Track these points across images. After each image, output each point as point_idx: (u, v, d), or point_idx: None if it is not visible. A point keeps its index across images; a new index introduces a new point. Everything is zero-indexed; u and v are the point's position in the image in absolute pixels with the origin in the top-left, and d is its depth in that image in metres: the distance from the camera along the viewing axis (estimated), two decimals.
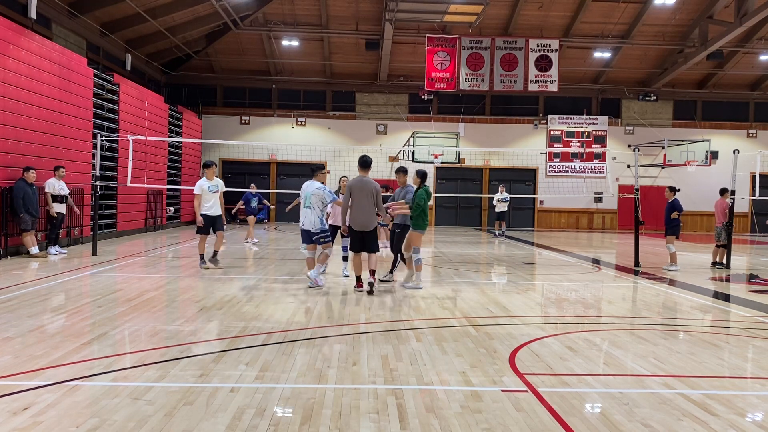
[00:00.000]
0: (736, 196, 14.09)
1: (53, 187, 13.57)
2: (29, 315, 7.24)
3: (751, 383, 5.37)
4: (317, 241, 9.86)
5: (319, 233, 9.80)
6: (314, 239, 9.86)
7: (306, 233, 9.91)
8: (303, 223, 9.85)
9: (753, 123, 30.13)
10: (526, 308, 8.56)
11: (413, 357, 5.79)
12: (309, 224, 9.77)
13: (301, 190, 9.97)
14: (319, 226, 9.78)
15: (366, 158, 9.58)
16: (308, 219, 9.77)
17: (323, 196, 9.77)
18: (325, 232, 9.85)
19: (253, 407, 4.36)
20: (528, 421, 4.24)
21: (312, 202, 9.74)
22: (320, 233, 9.80)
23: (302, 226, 9.90)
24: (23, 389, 4.61)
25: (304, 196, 9.85)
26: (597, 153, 28.55)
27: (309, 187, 9.85)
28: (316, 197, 9.73)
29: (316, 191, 9.76)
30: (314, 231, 9.78)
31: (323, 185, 9.93)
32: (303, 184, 10.03)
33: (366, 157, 9.59)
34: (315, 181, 9.92)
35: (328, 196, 9.80)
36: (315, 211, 9.74)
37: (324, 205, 9.85)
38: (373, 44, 25.61)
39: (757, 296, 10.09)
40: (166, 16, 21.61)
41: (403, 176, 10.54)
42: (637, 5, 24.31)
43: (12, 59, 13.09)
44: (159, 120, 22.17)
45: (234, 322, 7.12)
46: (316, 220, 9.76)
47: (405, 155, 25.51)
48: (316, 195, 9.74)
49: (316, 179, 9.96)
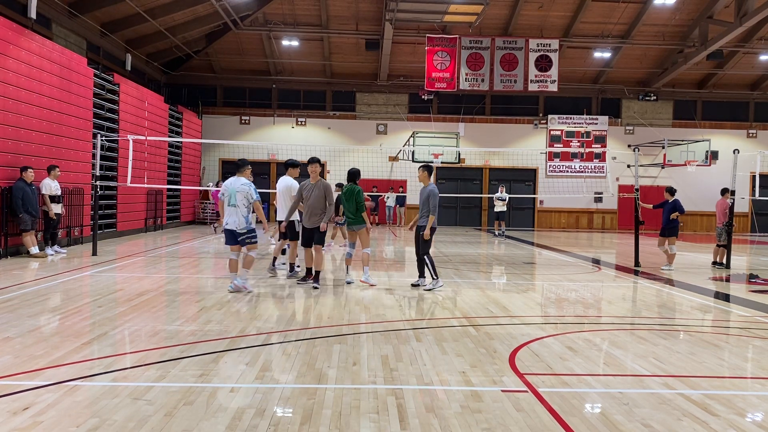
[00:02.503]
0: (736, 196, 14.09)
1: (50, 188, 13.56)
2: (29, 315, 7.24)
3: (751, 383, 5.37)
4: (243, 242, 9.29)
5: (246, 234, 9.24)
6: (239, 240, 9.28)
7: (231, 233, 9.30)
8: (227, 223, 9.26)
9: (753, 123, 30.12)
10: (526, 308, 8.56)
11: (413, 357, 5.78)
12: (234, 224, 9.18)
13: (224, 188, 9.35)
14: (244, 225, 9.19)
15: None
16: (232, 218, 9.18)
17: (248, 194, 9.15)
18: (251, 233, 9.30)
19: (253, 407, 4.36)
20: (528, 421, 4.24)
21: (237, 200, 9.13)
22: (246, 234, 9.24)
23: (226, 225, 9.29)
24: (23, 389, 4.61)
25: (228, 193, 9.21)
26: (597, 153, 28.54)
27: (234, 184, 9.25)
28: (242, 195, 9.12)
29: (241, 188, 9.16)
30: (240, 231, 9.20)
31: (249, 182, 9.33)
32: (226, 181, 9.47)
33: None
34: (240, 178, 9.31)
35: (253, 194, 9.18)
36: (240, 210, 9.14)
37: (249, 203, 9.23)
38: (373, 44, 25.61)
39: (757, 296, 10.09)
40: (166, 16, 21.61)
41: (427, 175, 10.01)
42: (637, 5, 24.31)
43: (12, 59, 13.09)
44: (159, 120, 22.17)
45: (234, 322, 7.12)
46: (241, 219, 9.18)
47: (405, 155, 25.52)
48: (241, 192, 9.13)
49: (241, 175, 9.36)
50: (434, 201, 9.74)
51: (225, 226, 9.31)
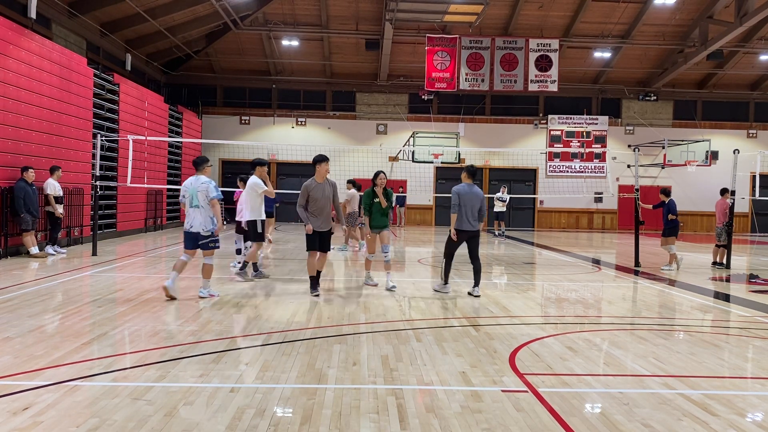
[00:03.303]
0: (736, 196, 14.09)
1: (54, 188, 13.57)
2: (29, 315, 7.24)
3: (751, 383, 5.37)
4: (205, 245, 8.53)
5: (209, 237, 8.51)
6: (201, 244, 8.52)
7: (192, 237, 8.53)
8: (191, 225, 8.49)
9: (753, 123, 30.12)
10: (526, 308, 8.56)
11: (413, 357, 5.78)
12: (199, 225, 8.46)
13: (184, 188, 8.63)
14: (210, 227, 8.49)
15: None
16: (197, 220, 8.46)
17: (209, 191, 8.45)
18: (215, 237, 8.59)
19: (253, 407, 4.36)
20: (528, 421, 4.24)
21: (199, 200, 8.43)
22: (210, 237, 8.52)
23: (189, 228, 8.52)
24: (23, 389, 4.61)
25: (189, 194, 8.50)
26: (597, 153, 28.53)
27: (194, 183, 8.52)
28: (203, 194, 8.42)
29: (201, 187, 8.43)
30: (204, 234, 8.46)
31: (209, 179, 8.58)
32: (186, 180, 8.73)
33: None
34: (200, 176, 8.57)
35: (212, 191, 8.45)
36: (205, 210, 8.45)
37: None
38: (373, 44, 25.61)
39: (757, 296, 10.09)
40: (166, 16, 21.61)
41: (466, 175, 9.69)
42: (637, 5, 24.31)
43: (12, 59, 13.09)
44: (159, 120, 22.17)
45: (234, 322, 7.12)
46: (207, 220, 8.47)
47: (405, 155, 25.52)
48: (202, 192, 8.42)
49: (201, 173, 8.61)
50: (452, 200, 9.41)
51: (188, 228, 8.54)
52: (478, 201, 9.44)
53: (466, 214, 9.32)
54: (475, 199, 9.41)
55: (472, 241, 9.50)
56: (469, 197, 9.36)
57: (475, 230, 9.44)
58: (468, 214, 9.35)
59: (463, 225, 9.34)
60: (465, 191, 9.40)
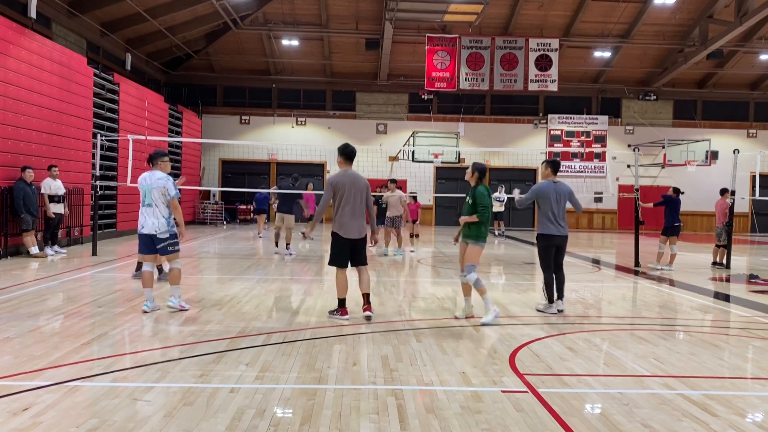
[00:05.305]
0: (736, 196, 14.09)
1: (49, 187, 13.54)
2: (29, 315, 7.24)
3: (751, 383, 5.37)
4: (163, 250, 7.62)
5: (168, 239, 7.59)
6: (159, 247, 7.61)
7: (148, 239, 7.60)
8: (143, 226, 7.59)
9: (753, 123, 30.12)
10: (526, 308, 8.56)
11: (413, 357, 5.78)
12: (152, 227, 7.53)
13: (138, 184, 7.79)
14: (166, 228, 7.56)
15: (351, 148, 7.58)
16: (149, 221, 7.55)
17: (166, 189, 7.56)
18: (174, 238, 7.65)
19: (253, 408, 4.36)
20: (528, 421, 4.24)
21: (154, 197, 7.53)
22: (168, 240, 7.59)
23: (140, 230, 7.62)
24: (23, 389, 4.61)
25: (143, 191, 7.64)
26: (597, 153, 28.53)
27: (149, 179, 7.62)
28: (158, 191, 7.54)
29: (157, 183, 7.55)
30: (160, 236, 7.54)
31: (166, 176, 7.69)
32: (140, 176, 7.84)
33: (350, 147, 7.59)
34: (156, 172, 7.70)
35: (171, 189, 7.58)
36: (160, 210, 7.54)
37: (167, 201, 7.59)
38: (373, 44, 25.61)
39: (757, 296, 10.09)
40: (166, 16, 21.61)
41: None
42: (637, 5, 24.31)
43: (12, 59, 13.08)
44: (159, 120, 22.16)
45: (234, 322, 7.11)
46: (162, 221, 7.55)
47: (405, 155, 25.51)
48: (157, 189, 7.54)
49: (156, 168, 7.75)
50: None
51: (140, 230, 7.64)
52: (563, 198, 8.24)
53: (554, 215, 8.06)
54: (561, 196, 8.21)
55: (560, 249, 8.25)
56: (553, 195, 8.07)
57: (563, 235, 8.23)
58: (557, 216, 8.16)
59: (550, 229, 8.11)
60: (548, 188, 8.08)
